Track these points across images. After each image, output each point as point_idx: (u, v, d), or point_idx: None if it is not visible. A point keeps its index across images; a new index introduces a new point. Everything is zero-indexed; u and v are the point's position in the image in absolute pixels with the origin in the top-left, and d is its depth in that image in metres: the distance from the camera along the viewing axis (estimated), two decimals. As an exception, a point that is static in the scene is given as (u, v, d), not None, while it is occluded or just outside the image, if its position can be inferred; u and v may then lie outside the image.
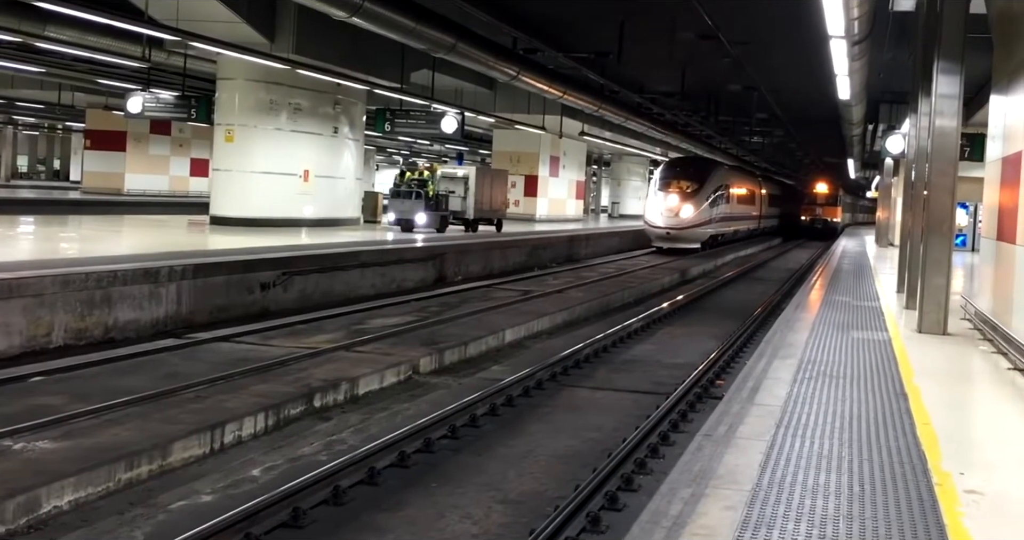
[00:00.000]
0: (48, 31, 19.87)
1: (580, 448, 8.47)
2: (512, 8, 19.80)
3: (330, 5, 13.89)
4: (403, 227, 23.97)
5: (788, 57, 23.84)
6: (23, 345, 10.49)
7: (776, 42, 22.12)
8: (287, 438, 8.30)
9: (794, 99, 31.83)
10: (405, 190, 24.42)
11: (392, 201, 24.54)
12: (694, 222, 32.24)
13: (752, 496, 5.03)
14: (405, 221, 23.94)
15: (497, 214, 27.73)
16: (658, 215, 32.32)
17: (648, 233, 32.98)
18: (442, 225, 24.66)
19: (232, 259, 14.28)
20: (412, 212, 23.94)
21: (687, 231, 32.17)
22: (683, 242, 32.30)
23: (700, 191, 32.86)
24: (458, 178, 26.07)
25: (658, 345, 14.40)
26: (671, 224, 31.96)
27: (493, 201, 27.30)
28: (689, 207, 32.09)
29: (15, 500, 5.92)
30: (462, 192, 25.93)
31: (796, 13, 16.97)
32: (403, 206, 24.20)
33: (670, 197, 32.32)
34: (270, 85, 21.31)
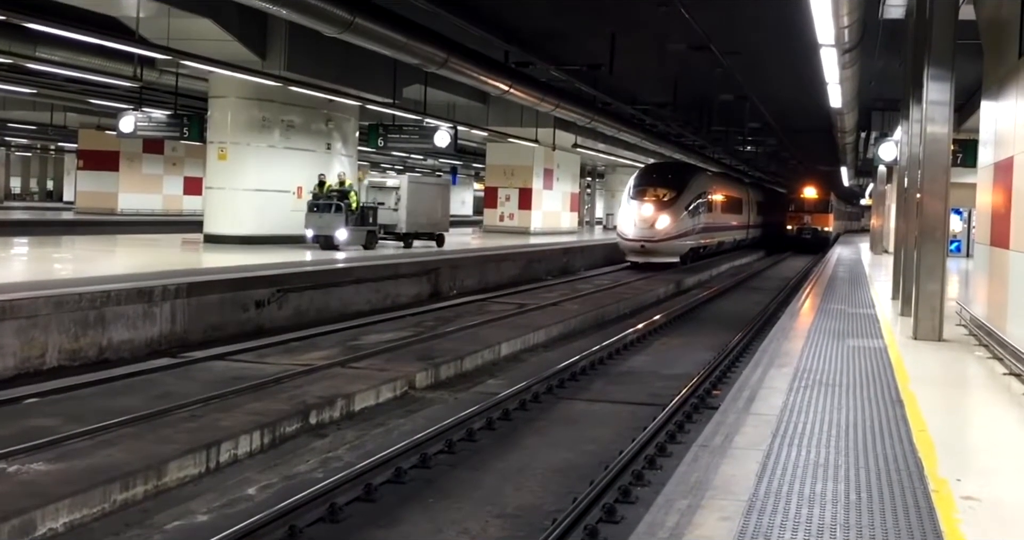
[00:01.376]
0: (39, 52, 19.91)
1: (577, 461, 8.44)
2: (504, 22, 19.84)
3: (321, 21, 13.91)
4: (322, 244, 21.34)
5: (779, 66, 23.91)
6: (17, 367, 10.46)
7: (767, 52, 22.18)
8: (283, 456, 8.27)
9: (786, 108, 31.90)
10: (323, 202, 21.55)
11: (308, 215, 21.51)
12: (671, 233, 29.10)
13: (748, 506, 5.01)
14: (324, 238, 21.28)
15: (437, 228, 25.10)
16: (631, 226, 29.15)
17: (621, 247, 29.92)
18: (369, 241, 22.28)
19: (226, 277, 14.27)
20: (332, 227, 21.20)
21: (664, 243, 29.04)
22: (659, 256, 29.19)
23: (678, 199, 29.86)
24: (388, 188, 23.70)
25: (654, 356, 14.39)
26: (645, 236, 28.76)
27: (431, 214, 24.64)
28: (666, 217, 29.00)
29: (10, 523, 5.89)
30: (393, 204, 23.38)
31: (787, 22, 17.03)
32: (320, 221, 21.33)
33: (644, 206, 29.19)
34: (262, 102, 21.34)
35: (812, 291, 18.62)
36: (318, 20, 13.87)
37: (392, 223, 23.41)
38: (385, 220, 23.19)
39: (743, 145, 43.17)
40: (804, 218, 47.66)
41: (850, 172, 48.10)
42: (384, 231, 23.32)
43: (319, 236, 21.29)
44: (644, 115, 31.52)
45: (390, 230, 23.47)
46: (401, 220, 23.48)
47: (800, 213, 47.98)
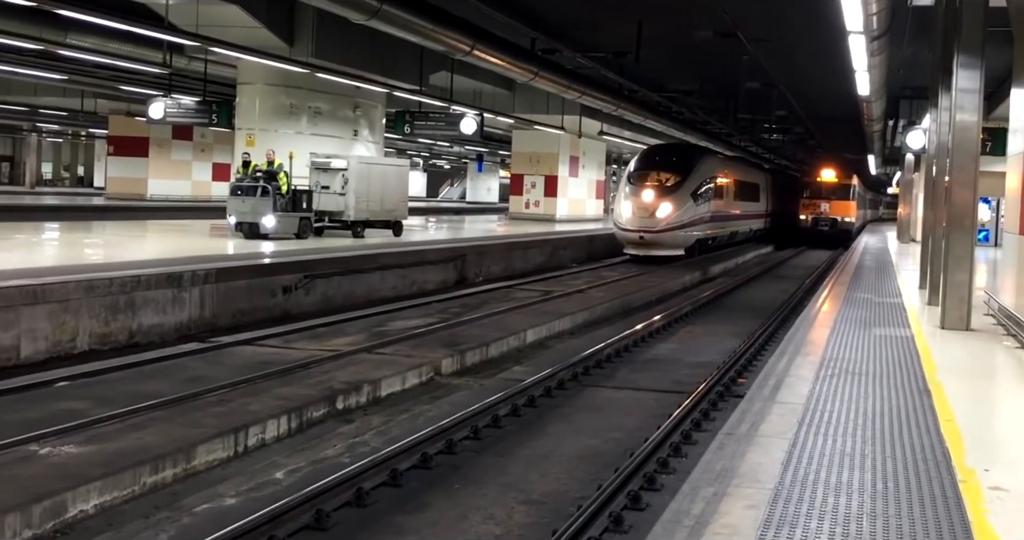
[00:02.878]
0: (70, 38, 20.07)
1: (602, 448, 8.47)
2: (530, 9, 19.81)
3: (348, 8, 13.94)
4: (245, 233, 18.84)
5: (807, 54, 23.75)
6: (49, 350, 10.60)
7: (794, 39, 22.03)
8: (310, 441, 8.34)
9: (813, 96, 31.68)
10: (248, 185, 19.09)
11: (230, 200, 19.26)
12: (674, 223, 25.96)
13: (775, 494, 5.01)
14: (248, 225, 18.82)
15: (392, 216, 22.25)
16: (629, 215, 26.00)
17: (618, 238, 26.88)
18: (302, 230, 19.47)
19: (254, 263, 14.37)
20: (257, 213, 18.72)
21: (665, 234, 25.90)
22: (661, 248, 26.02)
23: (683, 184, 26.70)
24: (333, 170, 20.76)
25: (679, 344, 14.38)
26: (644, 226, 25.67)
27: (385, 200, 21.85)
28: (668, 204, 25.85)
29: (41, 504, 5.98)
30: (339, 188, 20.62)
31: (814, 9, 16.90)
32: (243, 206, 18.86)
33: (644, 192, 26.07)
34: (290, 89, 21.41)
35: (838, 280, 18.53)
36: (345, 6, 13.90)
37: (338, 209, 20.75)
38: (329, 206, 20.66)
39: (769, 133, 42.89)
40: (821, 206, 39.87)
41: (877, 160, 47.59)
42: (329, 219, 20.84)
43: (242, 224, 18.99)
44: (670, 102, 31.38)
45: (336, 217, 20.88)
46: (349, 206, 20.70)
47: (816, 200, 40.14)
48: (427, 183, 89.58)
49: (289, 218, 19.18)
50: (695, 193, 27.05)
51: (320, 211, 20.42)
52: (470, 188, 78.76)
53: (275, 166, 19.26)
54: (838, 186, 40.54)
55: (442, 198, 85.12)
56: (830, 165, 41.77)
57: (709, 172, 28.58)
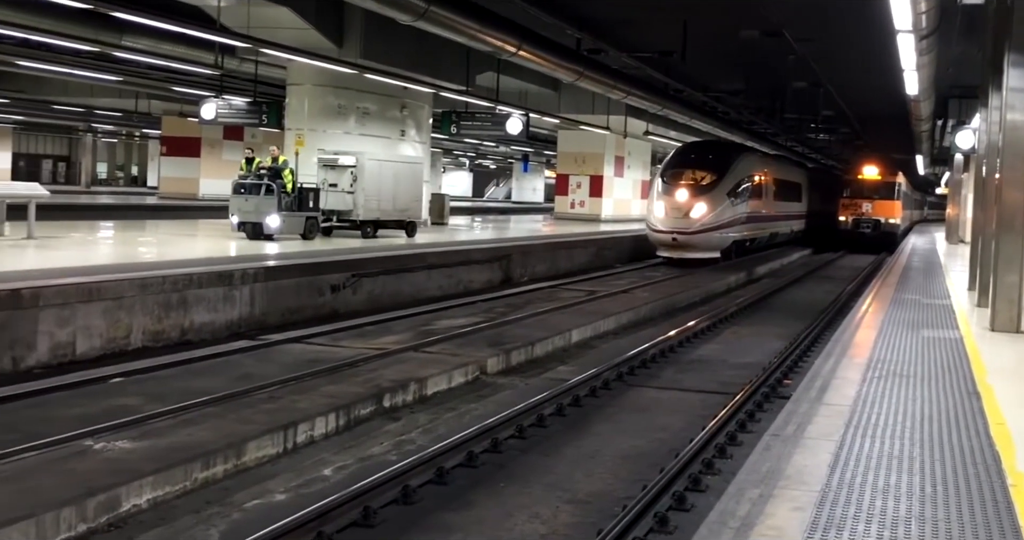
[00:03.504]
0: (125, 40, 20.46)
1: (647, 448, 8.47)
2: (576, 9, 19.82)
3: (396, 9, 14.06)
4: (248, 233, 18.01)
5: (854, 53, 23.52)
6: (103, 347, 10.81)
7: (842, 38, 21.83)
8: (357, 438, 8.42)
9: (860, 95, 31.34)
10: (251, 183, 18.28)
11: (233, 198, 18.37)
12: (710, 224, 24.67)
13: (821, 497, 4.99)
14: (251, 225, 17.98)
15: (406, 215, 21.17)
16: (661, 215, 24.77)
17: (651, 240, 25.59)
18: (308, 231, 18.55)
19: (302, 262, 14.53)
20: (261, 213, 17.84)
21: (700, 236, 24.61)
22: (695, 250, 24.77)
23: (719, 183, 25.38)
24: (341, 167, 19.76)
25: (724, 345, 14.33)
26: (678, 227, 24.44)
27: (398, 199, 20.79)
28: (702, 205, 24.58)
29: (96, 498, 6.08)
30: (348, 186, 19.71)
31: (862, 8, 16.77)
32: (246, 205, 18.01)
33: (679, 192, 24.83)
34: (338, 90, 21.62)
35: (886, 281, 18.33)
36: (393, 8, 14.02)
37: (346, 209, 19.81)
38: (338, 205, 19.70)
39: (816, 133, 42.46)
40: (863, 206, 36.43)
41: (925, 161, 46.90)
42: (338, 218, 19.91)
43: (244, 223, 18.12)
44: (716, 102, 31.21)
45: (345, 217, 19.93)
46: (358, 205, 19.76)
47: (858, 199, 36.62)
48: (473, 183, 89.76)
49: (295, 218, 18.33)
50: (732, 192, 25.70)
51: (328, 210, 19.55)
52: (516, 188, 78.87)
53: (280, 163, 18.55)
54: (881, 184, 36.99)
55: (488, 198, 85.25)
56: (873, 161, 38.08)
57: (747, 170, 27.23)
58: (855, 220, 36.52)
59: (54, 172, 70.76)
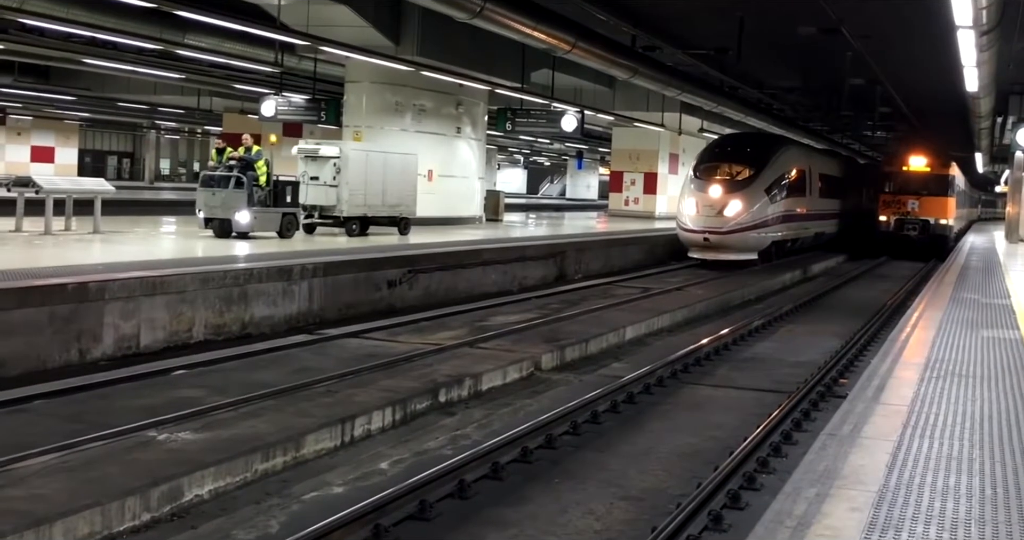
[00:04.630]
0: (188, 39, 20.81)
1: (701, 446, 8.47)
2: (631, 6, 19.78)
3: (452, 7, 14.16)
4: (216, 231, 16.52)
5: (912, 49, 23.17)
6: (166, 340, 11.02)
7: (900, 34, 21.53)
8: (413, 432, 8.50)
9: (918, 92, 30.82)
10: (220, 175, 16.79)
11: (200, 192, 16.82)
12: (746, 222, 22.64)
13: (879, 497, 4.95)
14: (218, 222, 16.48)
15: (398, 211, 19.59)
16: (692, 213, 22.82)
17: (681, 240, 23.63)
18: (286, 228, 16.99)
19: (360, 257, 14.69)
20: (230, 208, 16.29)
21: (734, 236, 22.62)
22: (729, 251, 22.82)
23: (757, 178, 23.26)
24: (322, 158, 18.18)
25: (779, 343, 14.24)
26: (711, 226, 22.52)
27: (388, 193, 19.18)
28: (738, 202, 22.56)
29: (159, 488, 6.21)
30: (330, 179, 18.11)
31: (921, 4, 16.53)
32: (214, 200, 16.50)
33: (711, 187, 22.82)
34: (396, 87, 21.80)
35: (943, 280, 18.06)
36: (449, 6, 14.12)
37: (329, 203, 18.25)
38: (319, 200, 18.22)
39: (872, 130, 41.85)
40: (907, 203, 30.60)
41: (985, 158, 45.98)
42: (320, 214, 18.45)
43: (212, 220, 16.60)
44: (772, 99, 30.91)
45: (327, 213, 18.43)
46: (342, 200, 18.17)
47: (902, 195, 30.79)
48: (527, 180, 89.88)
49: (269, 214, 16.75)
50: (771, 188, 23.58)
51: (309, 206, 18.20)
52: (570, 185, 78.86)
53: (252, 153, 16.93)
54: (931, 177, 30.97)
55: (542, 195, 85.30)
56: (921, 150, 31.91)
57: (788, 164, 25.03)
58: (898, 220, 30.60)
59: (119, 168, 72.08)
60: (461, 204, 24.26)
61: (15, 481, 6.08)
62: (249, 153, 16.95)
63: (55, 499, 5.78)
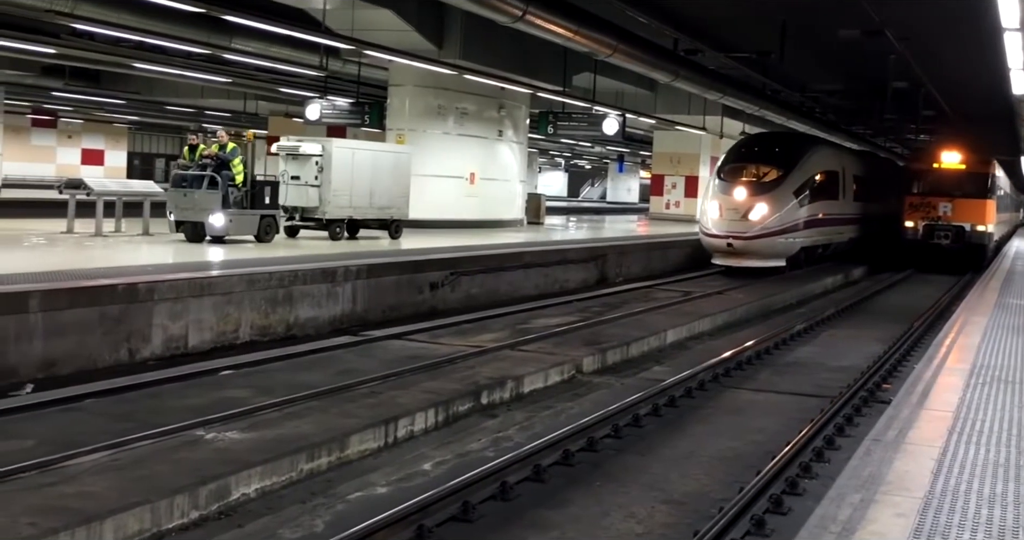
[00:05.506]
0: (234, 43, 21.06)
1: (743, 450, 8.45)
2: (673, 10, 19.76)
3: (494, 12, 14.22)
4: (188, 235, 15.39)
5: (958, 52, 22.90)
6: (213, 340, 11.17)
7: (945, 37, 21.30)
8: (456, 434, 8.54)
9: (963, 95, 30.44)
10: (193, 174, 15.59)
11: (170, 193, 15.69)
12: (772, 227, 21.22)
13: (924, 503, 4.94)
14: (190, 225, 15.34)
15: (388, 213, 18.29)
16: (715, 217, 21.53)
17: (704, 245, 22.41)
18: (264, 232, 15.87)
19: (403, 260, 14.78)
20: (203, 210, 15.16)
21: (759, 241, 21.25)
22: (754, 258, 21.50)
23: (785, 179, 21.84)
24: (303, 156, 16.97)
25: (821, 347, 14.14)
26: (734, 230, 21.19)
27: (376, 194, 17.89)
28: (763, 204, 21.16)
29: (207, 487, 6.30)
30: (312, 178, 16.93)
31: (967, 6, 16.36)
32: (185, 201, 15.33)
33: (736, 190, 21.50)
34: (438, 90, 21.93)
35: (988, 285, 17.85)
36: (492, 10, 14.18)
37: (311, 205, 17.03)
38: (299, 201, 16.96)
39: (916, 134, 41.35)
40: (938, 207, 26.39)
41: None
42: (301, 217, 17.22)
43: (184, 223, 15.46)
44: (814, 103, 30.65)
45: (309, 215, 17.21)
46: (325, 201, 16.99)
47: (931, 198, 26.58)
48: (568, 183, 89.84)
49: (245, 217, 15.62)
50: (800, 190, 22.06)
51: (290, 207, 17.08)
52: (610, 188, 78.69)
53: (228, 151, 15.70)
54: (967, 176, 26.65)
55: (583, 198, 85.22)
56: (955, 145, 27.68)
57: (820, 164, 23.48)
58: (928, 226, 26.37)
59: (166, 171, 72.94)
60: (502, 207, 24.33)
61: (67, 478, 6.19)
62: (224, 150, 15.76)
63: (106, 496, 5.88)
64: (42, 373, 9.29)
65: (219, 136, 16.07)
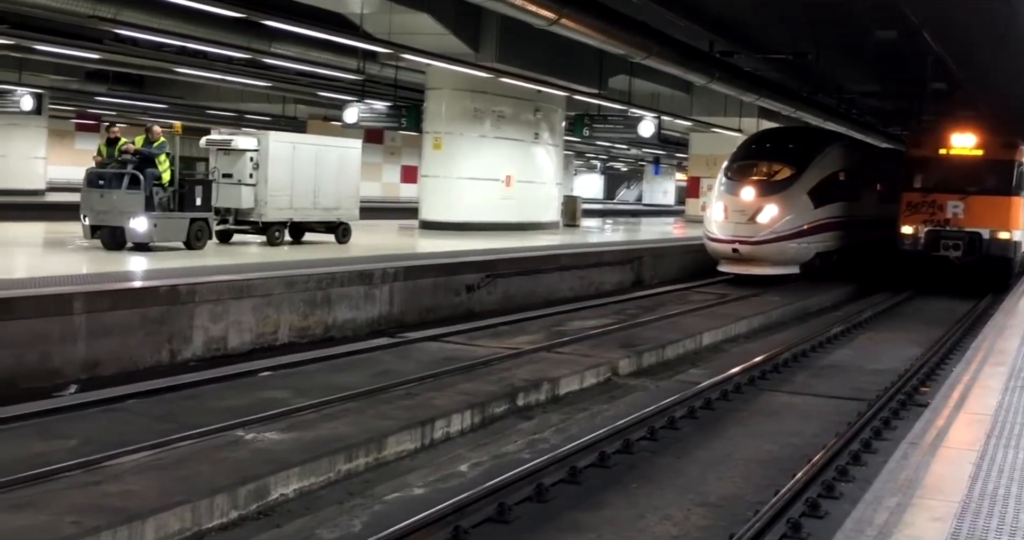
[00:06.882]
0: (274, 48, 21.25)
1: (779, 453, 8.43)
2: (709, 12, 19.71)
3: (530, 16, 14.26)
4: (105, 242, 13.62)
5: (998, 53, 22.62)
6: (253, 342, 11.28)
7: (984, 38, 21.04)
8: (492, 435, 8.58)
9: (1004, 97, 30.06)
10: (111, 172, 13.77)
11: (85, 192, 13.80)
12: (783, 231, 19.22)
13: (962, 508, 4.90)
14: (108, 231, 13.58)
15: (334, 215, 16.59)
16: (720, 219, 19.55)
17: (708, 251, 20.30)
18: (195, 237, 14.08)
19: (440, 262, 14.86)
20: (122, 214, 13.37)
21: (768, 246, 19.24)
22: (762, 265, 19.45)
23: (798, 178, 19.81)
24: (236, 151, 15.35)
25: (858, 350, 14.05)
26: (740, 234, 19.20)
27: (320, 195, 16.17)
28: (773, 206, 19.18)
29: (246, 487, 6.38)
30: (247, 176, 15.26)
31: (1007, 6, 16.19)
32: (102, 202, 13.53)
33: (743, 190, 19.52)
34: (475, 94, 21.99)
35: None
36: (528, 14, 14.21)
37: (246, 206, 15.35)
38: (232, 202, 15.30)
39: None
40: (946, 208, 20.26)
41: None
42: (235, 220, 15.57)
43: (101, 228, 13.65)
44: (850, 105, 30.39)
45: (244, 218, 15.56)
46: (262, 202, 15.28)
47: (936, 194, 20.45)
48: (604, 185, 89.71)
49: (173, 221, 13.81)
50: (816, 190, 19.99)
51: (223, 209, 15.35)
52: (646, 190, 78.51)
53: (155, 145, 13.90)
54: (985, 165, 20.46)
55: (618, 200, 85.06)
56: (968, 125, 21.47)
57: (838, 162, 21.35)
58: (932, 233, 20.26)
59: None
60: (539, 210, 24.36)
61: (110, 478, 6.30)
62: (149, 146, 13.91)
63: (147, 496, 5.98)
64: (86, 374, 9.43)
65: (154, 133, 14.20)
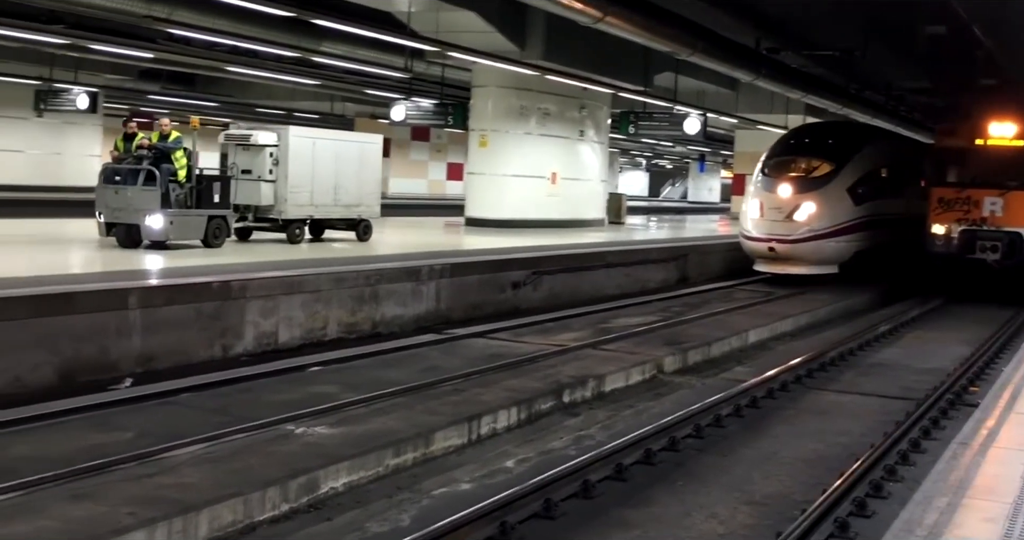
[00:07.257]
0: (323, 46, 21.45)
1: (826, 452, 8.40)
2: (755, 8, 19.59)
3: (575, 14, 14.27)
4: (120, 239, 13.36)
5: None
6: (303, 337, 11.42)
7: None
8: (538, 432, 8.63)
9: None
10: (127, 168, 13.55)
11: (100, 189, 13.60)
12: (821, 228, 18.63)
13: (1014, 509, 4.86)
14: (123, 228, 13.33)
15: (356, 212, 16.25)
16: (756, 217, 19.13)
17: (744, 250, 19.88)
18: (213, 235, 13.79)
19: (486, 259, 14.93)
20: (138, 211, 13.12)
21: (806, 245, 18.67)
22: (801, 264, 18.90)
23: (837, 175, 19.19)
24: (256, 147, 15.00)
25: (906, 349, 13.91)
26: (777, 233, 18.68)
27: (341, 191, 15.84)
28: (811, 203, 18.64)
29: (297, 480, 6.46)
30: (266, 172, 14.98)
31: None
32: (117, 199, 13.29)
33: (780, 187, 19.01)
34: (521, 91, 22.05)
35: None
36: (574, 11, 14.23)
37: (266, 203, 15.08)
38: (252, 198, 14.96)
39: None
40: (983, 205, 18.34)
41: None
42: (254, 217, 15.30)
43: (116, 225, 13.38)
44: (898, 102, 29.99)
45: (264, 215, 15.28)
46: (282, 199, 15.05)
47: (971, 190, 18.55)
48: (649, 183, 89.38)
49: (190, 218, 13.52)
50: (856, 187, 19.34)
51: (242, 206, 15.00)
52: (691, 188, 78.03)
53: (170, 141, 13.65)
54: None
55: (663, 198, 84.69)
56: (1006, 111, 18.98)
57: (880, 158, 20.67)
58: (966, 233, 18.37)
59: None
60: (584, 207, 24.38)
61: (166, 470, 6.44)
62: (165, 141, 13.72)
63: (201, 488, 6.10)
64: (141, 367, 9.61)
65: (161, 125, 14.09)
